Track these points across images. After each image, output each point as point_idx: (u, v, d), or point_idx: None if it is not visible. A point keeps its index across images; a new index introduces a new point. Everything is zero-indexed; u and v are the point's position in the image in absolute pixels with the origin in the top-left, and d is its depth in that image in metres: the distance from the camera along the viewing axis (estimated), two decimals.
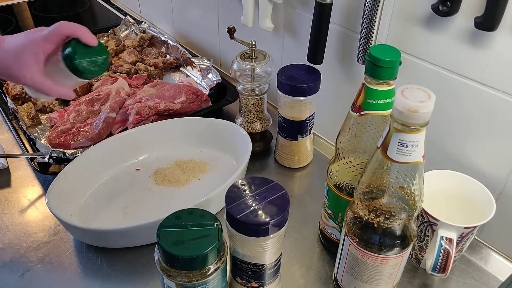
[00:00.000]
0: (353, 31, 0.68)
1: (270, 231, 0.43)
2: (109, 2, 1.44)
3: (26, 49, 0.54)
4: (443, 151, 0.62)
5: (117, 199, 0.69)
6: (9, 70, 0.55)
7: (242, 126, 0.76)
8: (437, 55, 0.58)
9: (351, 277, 0.50)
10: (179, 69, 1.06)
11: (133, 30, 1.18)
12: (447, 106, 0.59)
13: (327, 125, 0.82)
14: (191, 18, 1.11)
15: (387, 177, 0.42)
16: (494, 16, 0.48)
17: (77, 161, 0.68)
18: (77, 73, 0.55)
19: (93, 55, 0.56)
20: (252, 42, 0.70)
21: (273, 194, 0.45)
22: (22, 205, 0.69)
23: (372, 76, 0.44)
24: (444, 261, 0.51)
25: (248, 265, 0.47)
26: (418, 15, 0.57)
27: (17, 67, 0.54)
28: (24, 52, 0.54)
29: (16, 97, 0.88)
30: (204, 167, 0.75)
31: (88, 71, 0.56)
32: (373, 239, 0.46)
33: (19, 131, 0.80)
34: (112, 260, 0.60)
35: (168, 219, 0.45)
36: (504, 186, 0.57)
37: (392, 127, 0.39)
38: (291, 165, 0.77)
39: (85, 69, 0.55)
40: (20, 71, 0.54)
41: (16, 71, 0.54)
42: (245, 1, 0.79)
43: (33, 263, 0.60)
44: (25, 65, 0.54)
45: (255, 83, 0.73)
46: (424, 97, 0.37)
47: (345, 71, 0.72)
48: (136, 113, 0.80)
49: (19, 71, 0.54)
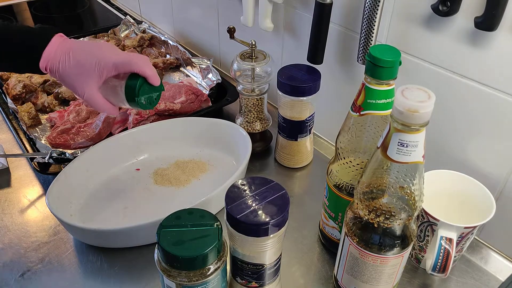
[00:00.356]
0: (353, 31, 0.68)
1: (270, 231, 0.43)
2: (109, 2, 1.44)
3: (92, 68, 0.55)
4: (443, 151, 0.62)
5: (117, 199, 0.69)
6: (71, 80, 0.56)
7: (242, 126, 0.76)
8: (437, 55, 0.58)
9: (351, 277, 0.50)
10: (179, 69, 1.06)
11: (133, 30, 1.18)
12: (447, 106, 0.59)
13: (327, 125, 0.82)
14: (191, 18, 1.11)
15: (387, 177, 0.42)
16: (494, 16, 0.48)
17: (77, 161, 0.68)
18: (132, 104, 0.58)
19: (152, 92, 0.59)
20: (252, 42, 0.70)
21: (273, 194, 0.45)
22: (22, 205, 0.69)
23: (372, 76, 0.44)
24: (444, 261, 0.51)
25: (248, 265, 0.47)
26: (418, 15, 0.57)
27: (81, 81, 0.56)
28: (91, 70, 0.55)
29: (16, 97, 0.88)
30: (204, 167, 0.75)
31: (142, 105, 0.58)
32: (373, 239, 0.46)
33: (19, 131, 0.80)
34: (112, 260, 0.60)
35: (168, 219, 0.45)
36: (504, 186, 0.57)
37: (392, 127, 0.39)
38: (291, 165, 0.77)
39: (141, 105, 0.58)
40: (81, 85, 0.56)
41: (78, 84, 0.56)
42: (245, 1, 0.79)
43: (33, 263, 0.60)
44: (89, 81, 0.56)
45: (255, 83, 0.73)
46: (424, 97, 0.37)
47: (345, 71, 0.72)
48: (136, 113, 0.80)
49: (80, 85, 0.56)
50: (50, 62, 0.55)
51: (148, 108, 0.60)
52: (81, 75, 0.55)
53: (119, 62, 0.56)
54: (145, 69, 0.57)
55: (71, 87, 0.57)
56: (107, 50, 0.57)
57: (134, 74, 0.57)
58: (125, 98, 0.58)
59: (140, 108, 0.59)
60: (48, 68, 0.55)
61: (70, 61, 0.55)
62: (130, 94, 0.57)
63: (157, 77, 0.58)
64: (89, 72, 0.55)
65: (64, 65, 0.55)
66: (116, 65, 0.56)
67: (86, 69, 0.55)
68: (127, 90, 0.57)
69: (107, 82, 0.58)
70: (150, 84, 0.58)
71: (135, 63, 0.56)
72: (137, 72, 0.57)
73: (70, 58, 0.55)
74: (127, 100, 0.58)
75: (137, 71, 0.56)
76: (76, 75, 0.56)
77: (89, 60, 0.55)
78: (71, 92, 0.89)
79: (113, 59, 0.56)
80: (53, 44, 0.55)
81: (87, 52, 0.56)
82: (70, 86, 0.57)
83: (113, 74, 0.57)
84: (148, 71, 0.57)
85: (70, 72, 0.55)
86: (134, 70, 0.56)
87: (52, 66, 0.55)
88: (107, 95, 0.58)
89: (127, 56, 0.57)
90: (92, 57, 0.56)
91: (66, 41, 0.57)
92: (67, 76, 0.56)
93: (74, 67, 0.55)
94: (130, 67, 0.56)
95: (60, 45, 0.56)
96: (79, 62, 0.55)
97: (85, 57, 0.56)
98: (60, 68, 0.55)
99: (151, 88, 0.59)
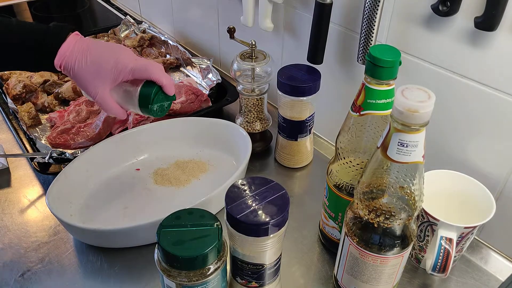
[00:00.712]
0: (353, 31, 0.68)
1: (270, 231, 0.43)
2: (109, 2, 1.44)
3: (109, 71, 0.55)
4: (443, 151, 0.62)
5: (117, 199, 0.69)
6: (84, 80, 0.56)
7: (242, 126, 0.76)
8: (437, 55, 0.58)
9: (351, 277, 0.50)
10: (179, 69, 1.06)
11: (133, 30, 1.18)
12: (447, 106, 0.59)
13: (327, 125, 0.82)
14: (191, 18, 1.11)
15: (387, 177, 0.42)
16: (494, 16, 0.48)
17: (77, 161, 0.68)
18: (144, 110, 0.59)
19: (164, 101, 0.60)
20: (252, 42, 0.70)
21: (273, 194, 0.45)
22: (22, 205, 0.69)
23: (372, 76, 0.44)
24: (444, 261, 0.51)
25: (248, 265, 0.47)
26: (418, 15, 0.57)
27: (95, 82, 0.56)
28: (107, 72, 0.55)
29: (16, 97, 0.88)
30: (204, 167, 0.75)
31: (153, 112, 0.59)
32: (373, 239, 0.46)
33: (19, 131, 0.80)
34: (112, 260, 0.60)
35: (168, 219, 0.45)
36: (504, 186, 0.57)
37: (392, 127, 0.39)
38: (291, 165, 0.77)
39: (153, 113, 0.59)
40: (95, 86, 0.56)
41: (91, 84, 0.56)
42: (245, 1, 0.79)
43: (33, 263, 0.60)
44: (103, 83, 0.56)
45: (255, 83, 0.73)
46: (424, 97, 0.37)
47: (345, 71, 0.72)
48: (136, 113, 0.80)
49: (94, 86, 0.56)
50: (65, 60, 0.55)
51: (158, 115, 0.60)
52: (96, 76, 0.55)
53: (137, 68, 0.56)
54: (162, 78, 0.57)
55: (83, 86, 0.56)
56: (125, 54, 0.57)
57: (149, 82, 0.57)
58: (137, 104, 0.58)
59: (149, 115, 0.59)
60: (63, 66, 0.55)
61: (86, 61, 0.55)
62: (144, 100, 0.57)
63: (173, 87, 0.59)
64: (105, 74, 0.55)
65: (80, 64, 0.55)
66: (134, 71, 0.56)
67: (102, 70, 0.55)
68: (141, 97, 0.57)
69: (120, 85, 0.58)
70: (164, 93, 0.59)
71: (153, 71, 0.56)
72: (154, 80, 0.57)
73: (87, 58, 0.55)
74: (140, 106, 0.58)
75: (154, 79, 0.57)
76: (91, 75, 0.55)
77: (107, 62, 0.55)
78: (71, 92, 0.90)
79: (131, 65, 0.56)
80: (70, 42, 0.55)
81: (105, 53, 0.56)
82: (83, 85, 0.56)
83: (128, 79, 0.57)
84: (165, 80, 0.58)
85: (85, 71, 0.55)
86: (152, 78, 0.57)
87: (67, 64, 0.55)
88: (117, 98, 0.59)
89: (144, 63, 0.57)
90: (110, 59, 0.55)
91: (83, 40, 0.56)
92: (82, 75, 0.55)
93: (90, 67, 0.55)
94: (148, 74, 0.56)
95: (77, 43, 0.55)
96: (95, 63, 0.55)
97: (103, 59, 0.55)
98: (75, 66, 0.55)
99: (164, 97, 0.59)
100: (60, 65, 0.55)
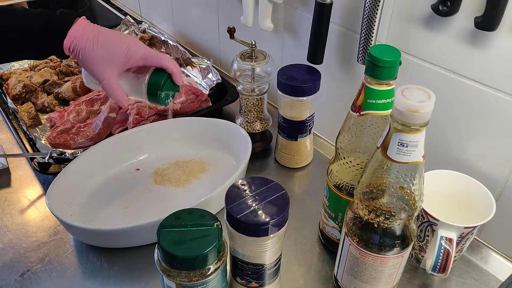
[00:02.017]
0: (353, 31, 0.68)
1: (270, 231, 0.43)
2: (109, 2, 1.44)
3: (120, 56, 0.55)
4: (443, 151, 0.62)
5: (117, 199, 0.69)
6: (93, 63, 0.55)
7: (242, 126, 0.76)
8: (437, 55, 0.58)
9: (351, 277, 0.50)
10: None
11: (133, 30, 1.18)
12: (447, 106, 0.59)
13: (327, 125, 0.82)
14: (191, 18, 1.11)
15: (387, 177, 0.42)
16: (494, 16, 0.48)
17: (77, 161, 0.68)
18: (152, 97, 0.59)
19: (171, 90, 0.61)
20: (252, 42, 0.70)
21: (273, 194, 0.45)
22: (22, 205, 0.69)
23: (372, 76, 0.44)
24: (444, 261, 0.51)
25: (248, 265, 0.47)
26: (418, 15, 0.57)
27: (104, 66, 0.55)
28: (119, 56, 0.55)
29: (16, 97, 0.88)
30: (204, 167, 0.75)
31: (161, 101, 0.60)
32: (373, 239, 0.46)
33: (19, 131, 0.80)
34: (112, 260, 0.60)
35: (168, 219, 0.45)
36: (504, 186, 0.57)
37: (392, 127, 0.39)
38: (291, 165, 0.77)
39: (160, 100, 0.60)
40: (104, 70, 0.56)
41: (100, 68, 0.56)
42: (245, 1, 0.79)
43: (33, 263, 0.60)
44: (112, 67, 0.56)
45: (255, 83, 0.73)
46: (424, 97, 0.37)
47: (345, 71, 0.72)
48: (136, 113, 0.80)
49: (102, 69, 0.56)
50: (75, 41, 0.54)
51: (163, 104, 0.61)
52: (106, 60, 0.55)
53: (149, 55, 0.57)
54: (172, 66, 0.58)
55: (92, 69, 0.56)
56: (136, 41, 0.58)
57: (158, 70, 0.58)
58: (145, 91, 0.59)
59: (154, 102, 0.60)
60: (72, 48, 0.55)
61: (98, 43, 0.55)
62: (154, 87, 0.58)
63: (181, 76, 0.60)
64: (116, 58, 0.55)
65: (91, 46, 0.55)
66: (146, 57, 0.57)
67: (113, 54, 0.55)
68: (151, 84, 0.58)
69: (127, 72, 0.58)
70: (172, 82, 0.60)
71: (165, 58, 0.58)
72: (165, 67, 0.58)
73: (98, 40, 0.55)
74: (148, 93, 0.59)
75: (165, 66, 0.58)
76: (101, 59, 0.55)
77: (119, 46, 0.56)
78: (71, 92, 0.90)
79: (143, 51, 0.57)
80: (79, 25, 0.55)
81: (116, 39, 0.56)
82: (91, 68, 0.56)
83: (138, 65, 0.57)
84: (175, 69, 0.59)
85: (95, 54, 0.55)
86: (163, 65, 0.58)
87: (76, 46, 0.54)
88: (124, 85, 0.59)
89: (156, 52, 0.58)
90: (123, 44, 0.56)
91: (92, 25, 0.56)
92: (91, 58, 0.55)
93: (100, 51, 0.55)
94: (160, 62, 0.57)
95: (87, 26, 0.55)
96: (106, 47, 0.55)
97: (115, 43, 0.56)
98: (86, 48, 0.54)
99: (172, 86, 0.60)
100: (69, 47, 0.54)
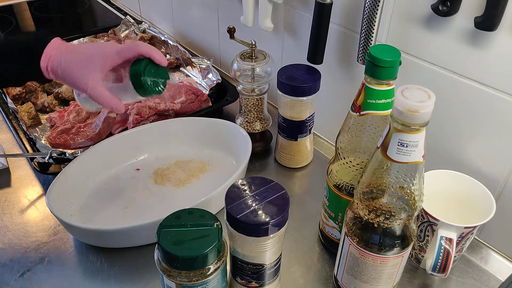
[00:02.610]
0: (353, 31, 0.68)
1: (270, 231, 0.43)
2: (109, 2, 1.43)
3: (96, 58, 0.55)
4: (443, 151, 0.62)
5: (117, 199, 0.69)
6: (73, 75, 0.55)
7: (242, 126, 0.76)
8: (437, 55, 0.58)
9: (351, 277, 0.50)
10: (179, 69, 1.06)
11: (133, 30, 1.18)
12: (447, 106, 0.59)
13: (327, 125, 0.82)
14: (191, 18, 1.11)
15: (387, 177, 0.42)
16: (494, 16, 0.48)
17: (77, 161, 0.68)
18: (140, 89, 0.57)
19: (158, 76, 0.58)
20: (252, 42, 0.70)
21: (273, 194, 0.45)
22: (22, 205, 0.69)
23: (372, 76, 0.44)
24: (444, 261, 0.51)
25: (248, 265, 0.47)
26: (418, 15, 0.57)
27: (83, 74, 0.55)
28: (93, 60, 0.55)
29: (16, 97, 0.88)
30: (204, 167, 0.75)
31: (150, 89, 0.57)
32: (373, 239, 0.46)
33: (19, 131, 0.80)
34: (112, 260, 0.60)
35: (168, 219, 0.45)
36: (504, 186, 0.57)
37: (392, 127, 0.39)
38: (291, 165, 0.77)
39: (148, 87, 0.57)
40: (84, 78, 0.55)
41: (81, 77, 0.55)
42: (245, 1, 0.79)
43: (33, 263, 0.60)
44: (92, 73, 0.55)
45: (255, 83, 0.73)
46: (424, 97, 0.37)
47: (345, 71, 0.72)
48: (136, 113, 0.80)
49: (83, 78, 0.55)
50: (51, 59, 0.55)
51: (156, 93, 0.58)
52: (84, 68, 0.55)
53: (123, 48, 0.56)
54: (150, 50, 0.56)
55: (73, 82, 0.56)
56: (108, 43, 0.58)
57: (138, 60, 0.57)
58: (132, 84, 0.57)
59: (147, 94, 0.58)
60: (50, 66, 0.55)
61: (73, 55, 0.55)
62: (136, 76, 0.56)
63: (163, 56, 0.58)
64: (93, 62, 0.55)
65: (67, 59, 0.55)
66: (120, 52, 0.56)
67: (89, 60, 0.55)
68: (132, 73, 0.56)
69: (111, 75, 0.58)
70: (156, 65, 0.57)
71: (140, 45, 0.56)
72: (142, 53, 0.56)
73: (73, 52, 0.55)
74: (134, 85, 0.57)
75: (143, 52, 0.56)
76: (79, 68, 0.55)
77: (94, 49, 0.56)
78: (71, 92, 0.90)
79: (115, 47, 0.56)
80: (54, 43, 0.56)
81: (91, 45, 0.57)
82: (73, 81, 0.56)
83: (118, 63, 0.56)
84: (154, 52, 0.57)
85: (72, 66, 0.55)
86: (140, 51, 0.56)
87: (53, 63, 0.55)
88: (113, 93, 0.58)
89: (129, 43, 0.57)
90: (95, 49, 0.56)
91: (66, 43, 0.57)
92: (70, 71, 0.55)
93: (76, 61, 0.55)
94: (135, 50, 0.56)
95: (61, 44, 0.56)
96: (82, 55, 0.55)
97: (88, 50, 0.56)
98: (62, 62, 0.55)
99: (157, 70, 0.58)
100: (46, 66, 0.55)
